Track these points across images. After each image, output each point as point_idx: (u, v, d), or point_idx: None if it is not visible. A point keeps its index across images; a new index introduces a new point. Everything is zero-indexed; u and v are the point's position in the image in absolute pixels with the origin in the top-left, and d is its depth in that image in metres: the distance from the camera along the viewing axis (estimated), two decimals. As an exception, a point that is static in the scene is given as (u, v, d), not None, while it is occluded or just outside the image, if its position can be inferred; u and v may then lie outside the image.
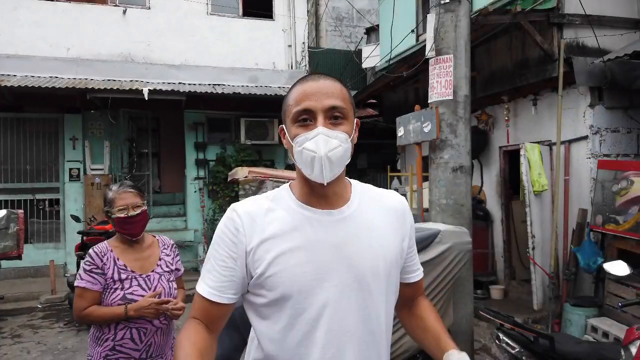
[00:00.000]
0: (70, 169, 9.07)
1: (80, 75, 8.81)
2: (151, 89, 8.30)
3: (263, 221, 1.21)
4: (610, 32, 5.46)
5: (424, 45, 4.64)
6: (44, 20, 8.85)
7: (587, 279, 5.32)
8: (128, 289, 2.24)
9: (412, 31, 7.70)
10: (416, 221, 4.59)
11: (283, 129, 1.26)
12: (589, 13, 5.25)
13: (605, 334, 4.42)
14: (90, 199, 9.07)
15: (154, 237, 2.51)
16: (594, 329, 4.59)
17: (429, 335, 1.35)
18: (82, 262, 2.30)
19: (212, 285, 1.22)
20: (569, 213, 5.57)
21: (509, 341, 2.55)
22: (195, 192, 9.70)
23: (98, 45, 9.14)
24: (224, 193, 9.56)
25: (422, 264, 2.83)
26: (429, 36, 4.48)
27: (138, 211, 2.30)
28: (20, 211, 6.75)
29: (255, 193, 4.98)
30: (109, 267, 2.25)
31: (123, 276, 2.26)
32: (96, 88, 8.13)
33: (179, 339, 1.21)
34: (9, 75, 8.35)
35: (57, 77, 8.57)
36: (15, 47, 8.66)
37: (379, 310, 1.24)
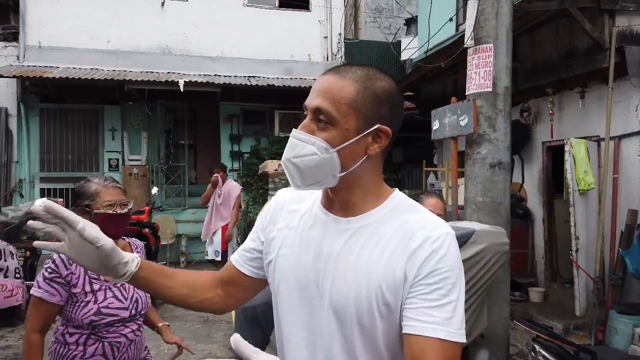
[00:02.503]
0: (110, 159, 9.29)
1: (120, 67, 8.98)
2: (187, 80, 8.36)
3: (288, 210, 1.19)
4: (669, 19, 5.06)
5: (464, 35, 4.42)
6: (85, 13, 9.04)
7: (635, 284, 4.98)
8: (102, 301, 1.96)
9: (451, 19, 7.41)
10: (450, 219, 4.42)
11: None
12: (645, -2, 4.88)
13: (655, 345, 4.12)
14: (128, 188, 9.23)
15: (125, 239, 2.20)
16: (643, 339, 4.28)
17: None
18: (43, 267, 1.98)
19: (238, 250, 1.27)
20: (617, 214, 5.23)
21: (545, 354, 2.35)
22: (229, 183, 9.74)
23: (136, 37, 9.27)
24: (257, 185, 9.56)
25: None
26: (469, 24, 4.26)
27: (126, 209, 2.03)
28: (61, 199, 6.96)
29: (285, 186, 4.88)
30: (77, 277, 1.95)
31: (96, 287, 1.97)
32: (134, 80, 8.26)
33: None
34: (51, 67, 8.58)
35: (97, 69, 8.76)
36: (58, 39, 8.89)
37: (354, 340, 1.02)
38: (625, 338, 4.49)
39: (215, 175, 6.60)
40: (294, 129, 1.07)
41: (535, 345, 2.60)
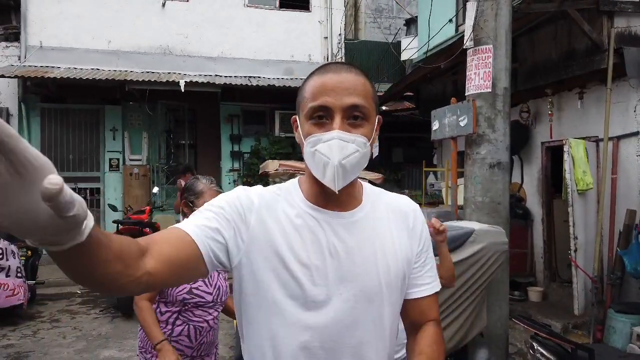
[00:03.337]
0: (110, 159, 9.32)
1: (121, 68, 9.01)
2: (187, 81, 8.39)
3: (271, 214, 1.10)
4: (667, 21, 5.09)
5: (463, 36, 4.45)
6: (86, 13, 9.07)
7: (633, 284, 5.01)
8: (194, 282, 2.18)
9: (450, 20, 7.43)
10: (450, 219, 4.45)
11: (296, 121, 1.14)
12: (643, 0, 4.90)
13: (653, 344, 4.14)
14: (129, 188, 9.28)
15: None
16: (640, 338, 4.31)
17: None
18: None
19: (195, 224, 1.02)
20: (616, 214, 5.26)
21: (544, 352, 2.39)
22: (229, 183, 9.78)
23: (137, 37, 9.30)
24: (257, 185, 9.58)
25: (454, 263, 2.70)
26: (468, 25, 4.29)
27: None
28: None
29: (285, 186, 4.91)
30: None
31: None
32: (135, 80, 8.29)
33: None
34: (53, 67, 8.61)
35: (98, 69, 8.79)
36: (59, 39, 8.92)
37: (383, 322, 1.13)
38: (623, 337, 4.51)
39: (179, 181, 6.27)
40: (337, 131, 1.03)
41: (534, 343, 2.63)
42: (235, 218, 1.06)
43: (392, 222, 1.17)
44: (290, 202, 1.12)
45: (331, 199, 1.10)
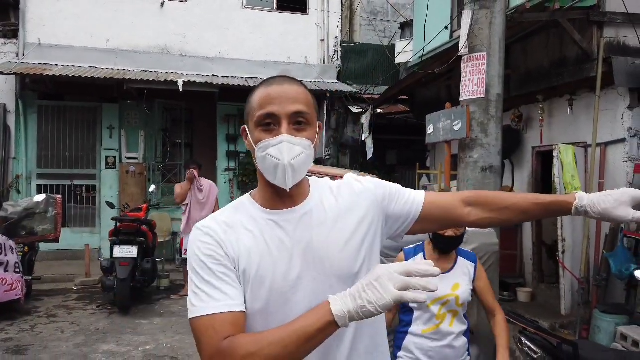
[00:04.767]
0: (107, 157, 9.37)
1: (119, 66, 9.07)
2: (185, 80, 8.48)
3: (237, 230, 1.20)
4: (654, 32, 5.27)
5: (458, 42, 4.60)
6: (85, 12, 9.12)
7: (618, 285, 5.18)
8: None
9: (446, 28, 7.59)
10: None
11: (245, 130, 1.26)
12: (631, 12, 5.08)
13: (636, 343, 4.30)
14: (125, 186, 9.35)
15: None
16: (624, 337, 4.47)
17: None
18: None
19: (230, 294, 1.13)
20: (603, 217, 5.42)
21: (531, 345, 2.53)
22: (225, 183, 9.87)
23: (136, 37, 9.37)
24: (253, 185, 9.62)
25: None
26: (463, 33, 4.44)
27: None
28: (59, 196, 7.04)
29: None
30: None
31: None
32: (133, 79, 8.36)
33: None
34: (51, 64, 8.66)
35: (96, 68, 8.85)
36: (58, 37, 8.96)
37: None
38: (608, 336, 4.68)
39: (191, 170, 6.65)
40: (285, 135, 1.16)
41: (522, 338, 2.78)
42: (223, 262, 1.16)
43: (340, 200, 1.28)
44: (247, 215, 1.24)
45: (284, 197, 1.22)
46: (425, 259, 2.37)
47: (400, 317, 2.40)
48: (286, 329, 1.06)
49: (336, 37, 10.55)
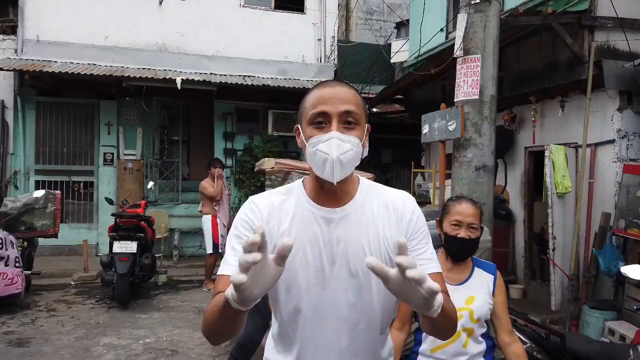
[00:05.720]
0: (105, 154, 9.43)
1: (117, 63, 9.12)
2: (184, 78, 8.55)
3: (280, 214, 1.33)
4: (643, 36, 5.42)
5: (453, 43, 4.72)
6: (84, 9, 9.16)
7: (607, 282, 5.33)
8: None
9: (442, 30, 7.72)
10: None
11: (298, 129, 1.37)
12: (621, 16, 5.22)
13: (623, 337, 4.45)
14: (123, 183, 9.41)
15: None
16: (611, 332, 4.62)
17: None
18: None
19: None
20: (592, 216, 5.57)
21: (521, 336, 2.65)
22: (222, 180, 9.94)
23: (134, 34, 9.42)
24: (249, 182, 9.79)
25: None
26: (458, 35, 4.56)
27: None
28: (58, 192, 7.10)
29: (281, 184, 5.14)
30: None
31: None
32: (132, 76, 8.42)
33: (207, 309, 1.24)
34: (49, 61, 8.70)
35: (94, 64, 8.90)
36: (56, 34, 9.00)
37: (373, 301, 1.33)
38: (596, 331, 4.83)
39: (218, 169, 7.39)
40: (334, 132, 1.25)
41: (513, 329, 2.90)
42: (252, 231, 1.27)
43: (381, 214, 1.35)
44: (294, 201, 1.36)
45: (329, 194, 1.34)
46: None
47: (415, 335, 2.20)
48: (216, 298, 1.20)
49: (333, 37, 10.65)
